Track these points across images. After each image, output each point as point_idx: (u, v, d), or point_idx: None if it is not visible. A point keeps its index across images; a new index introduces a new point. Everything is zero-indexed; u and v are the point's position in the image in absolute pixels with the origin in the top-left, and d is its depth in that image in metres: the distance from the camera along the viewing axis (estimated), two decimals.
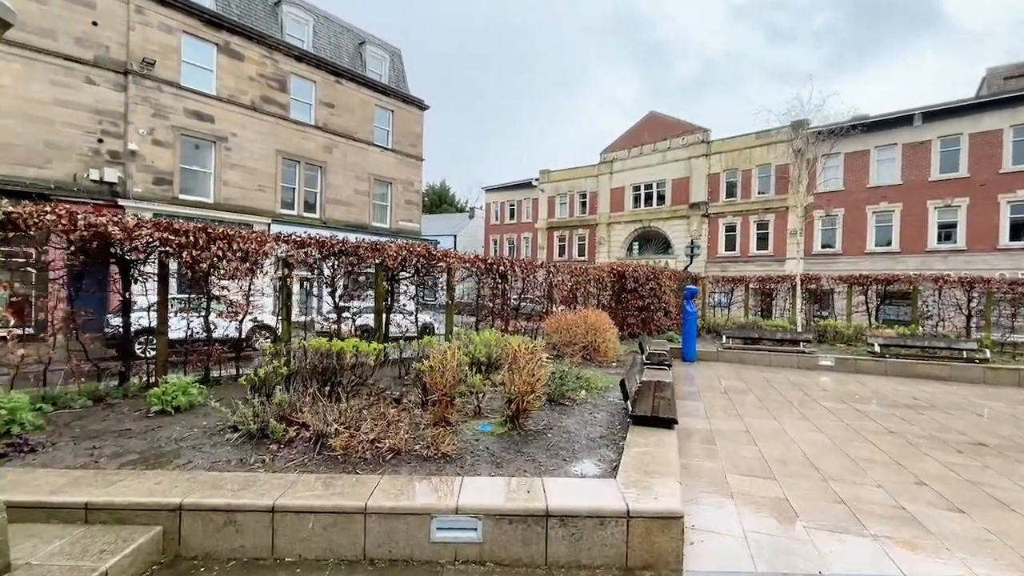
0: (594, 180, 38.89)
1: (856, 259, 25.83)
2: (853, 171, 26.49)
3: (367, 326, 8.99)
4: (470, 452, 4.34)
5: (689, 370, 10.79)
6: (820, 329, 14.13)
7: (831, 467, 5.02)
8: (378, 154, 25.12)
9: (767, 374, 10.65)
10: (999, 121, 22.98)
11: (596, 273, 13.08)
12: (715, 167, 32.24)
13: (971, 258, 23.02)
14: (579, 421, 5.48)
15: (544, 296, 11.66)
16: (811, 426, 6.58)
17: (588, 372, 8.09)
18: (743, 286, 18.01)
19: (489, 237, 47.58)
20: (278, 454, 4.14)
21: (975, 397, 8.96)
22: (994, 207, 23.03)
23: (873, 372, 10.93)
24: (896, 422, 6.93)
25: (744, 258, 30.50)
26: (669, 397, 5.79)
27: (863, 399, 8.45)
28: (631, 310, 14.07)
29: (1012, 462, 5.38)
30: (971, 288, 13.21)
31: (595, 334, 9.76)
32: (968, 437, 6.29)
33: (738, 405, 7.65)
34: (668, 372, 8.31)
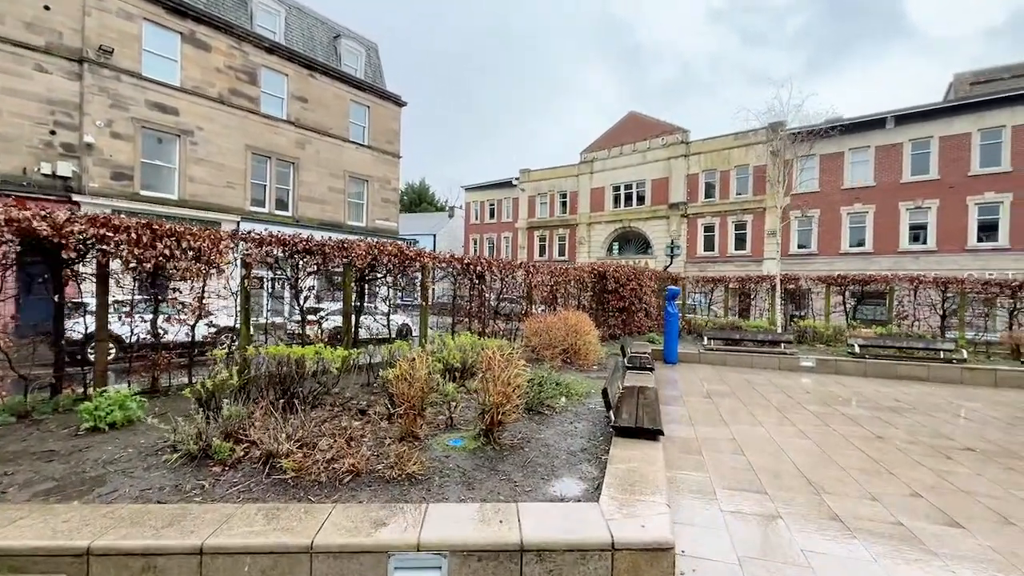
0: (574, 180, 38.75)
1: (831, 259, 26.18)
2: (828, 172, 26.86)
3: (339, 329, 8.50)
4: (439, 471, 3.93)
5: (671, 373, 10.56)
6: (799, 330, 14.10)
7: (822, 478, 4.77)
8: (353, 151, 24.43)
9: (749, 376, 10.49)
10: (967, 125, 23.53)
11: (577, 273, 12.79)
12: (694, 167, 32.39)
13: (941, 258, 23.51)
14: (558, 432, 5.12)
15: (523, 297, 11.31)
16: (798, 432, 6.36)
17: (568, 377, 7.76)
18: (723, 286, 17.97)
19: (469, 237, 47.06)
20: (221, 478, 3.67)
21: (955, 398, 8.92)
22: (963, 209, 23.57)
23: (853, 373, 10.87)
24: (882, 426, 6.77)
25: (723, 258, 30.69)
26: (653, 405, 5.48)
27: (846, 402, 8.31)
28: (612, 311, 13.82)
29: (1003, 469, 5.22)
30: (945, 288, 13.33)
31: (575, 336, 9.44)
32: (955, 442, 6.15)
33: (723, 410, 7.41)
34: (651, 376, 8.03)
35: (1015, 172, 22.30)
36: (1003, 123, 22.72)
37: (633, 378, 7.47)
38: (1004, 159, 22.65)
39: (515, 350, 5.47)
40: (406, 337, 11.52)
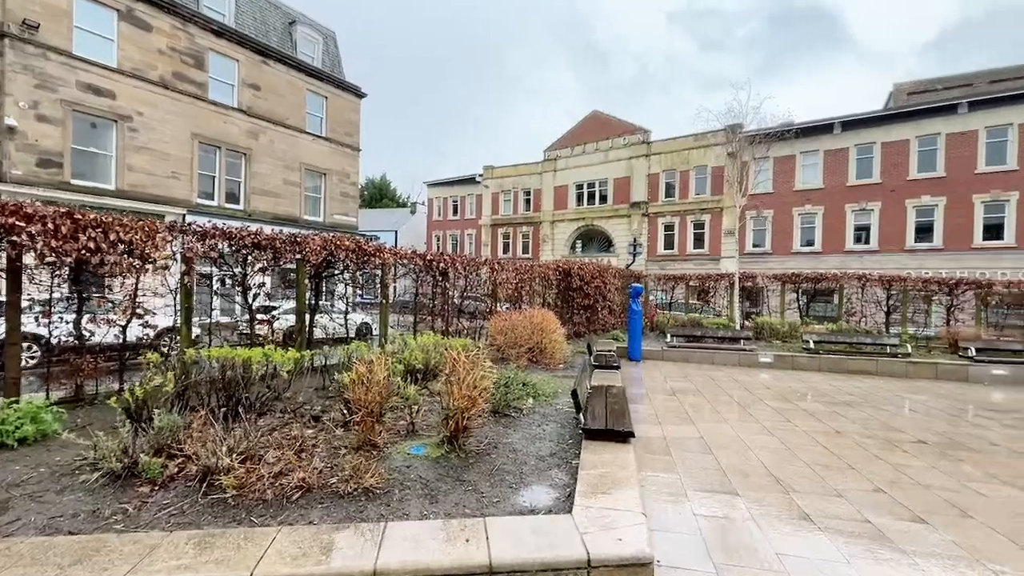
0: (538, 177, 38.74)
1: (784, 258, 27.19)
2: (781, 174, 27.88)
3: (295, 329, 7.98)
4: (399, 483, 3.64)
5: (636, 370, 10.57)
6: (757, 326, 14.48)
7: (789, 475, 4.76)
8: (310, 142, 23.46)
9: (712, 372, 10.63)
10: (906, 132, 24.93)
11: (542, 271, 12.64)
12: (655, 167, 32.97)
13: (882, 258, 24.83)
14: (527, 436, 4.91)
15: (488, 295, 11.05)
16: (762, 428, 6.40)
17: (535, 376, 7.57)
18: (683, 284, 18.31)
19: (432, 233, 46.33)
20: (149, 501, 3.25)
21: (902, 391, 9.31)
22: (902, 211, 24.96)
23: (808, 368, 11.22)
24: (840, 421, 6.92)
25: (682, 257, 31.39)
26: (622, 405, 5.35)
27: (804, 397, 8.51)
28: (577, 309, 13.77)
29: (953, 461, 5.39)
30: (890, 286, 13.99)
31: (541, 335, 9.27)
32: (908, 435, 6.34)
33: (688, 408, 7.41)
34: (617, 374, 7.95)
35: (949, 177, 23.78)
36: (938, 131, 24.18)
37: (600, 377, 7.36)
38: (939, 165, 24.11)
39: (480, 350, 5.22)
40: (366, 336, 11.06)
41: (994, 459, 5.49)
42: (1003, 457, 5.58)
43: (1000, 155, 22.97)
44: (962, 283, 13.46)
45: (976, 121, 23.43)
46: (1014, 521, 3.94)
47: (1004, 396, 9.26)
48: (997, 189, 22.94)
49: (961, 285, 13.44)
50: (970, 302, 13.55)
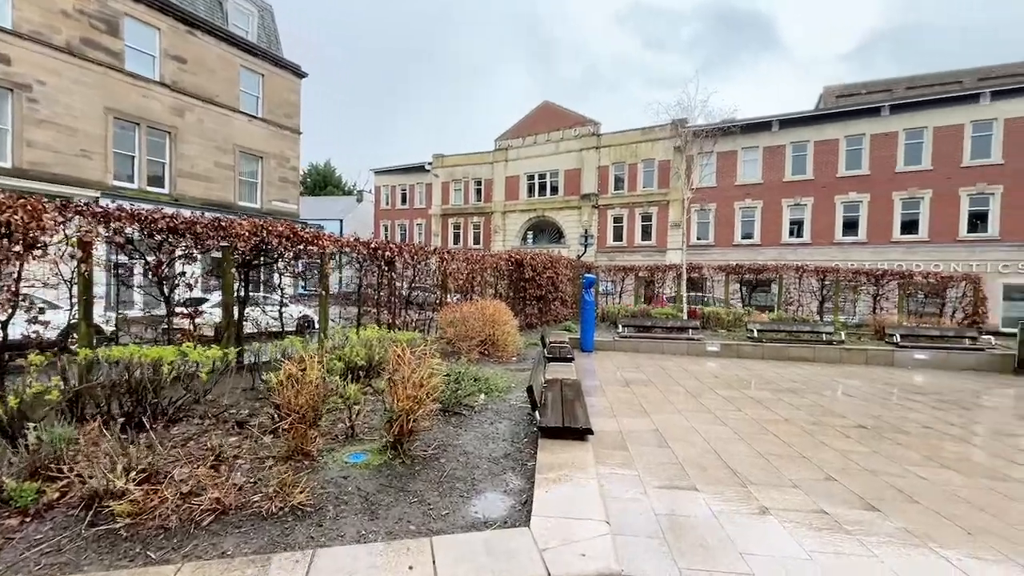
0: (489, 167, 38.25)
1: (726, 250, 28.28)
2: (724, 169, 28.88)
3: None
4: (335, 498, 3.21)
5: (589, 361, 10.48)
6: (703, 316, 14.85)
7: (745, 467, 4.70)
8: (245, 123, 21.86)
9: (662, 362, 10.72)
10: (836, 131, 26.43)
11: (493, 261, 12.30)
12: (604, 160, 33.31)
13: (814, 251, 26.29)
14: (479, 436, 4.58)
15: (438, 286, 10.58)
16: (714, 418, 6.40)
17: (487, 370, 7.25)
18: (633, 275, 18.55)
19: (379, 223, 44.84)
20: (16, 535, 2.66)
21: (839, 377, 9.74)
22: (831, 207, 26.52)
23: (753, 356, 11.57)
24: (786, 408, 7.06)
25: (630, 248, 31.98)
26: (579, 400, 5.13)
27: (751, 385, 8.69)
28: (530, 300, 13.55)
29: (892, 444, 5.57)
30: (824, 277, 14.71)
31: (493, 327, 8.95)
32: (849, 420, 6.53)
33: (642, 399, 7.33)
34: (571, 367, 7.77)
35: (873, 176, 25.44)
36: (863, 131, 25.79)
37: (554, 370, 7.14)
38: (864, 163, 25.75)
39: (429, 343, 4.83)
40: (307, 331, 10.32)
41: (928, 441, 5.72)
42: (935, 439, 5.83)
43: (917, 156, 24.80)
44: (887, 274, 14.38)
45: (897, 123, 25.16)
46: (955, 505, 4.04)
47: (925, 379, 9.89)
48: (914, 187, 24.78)
49: (886, 276, 14.34)
50: (894, 291, 14.48)
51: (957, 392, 8.71)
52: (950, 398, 8.22)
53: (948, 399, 8.12)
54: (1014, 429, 6.48)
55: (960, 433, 6.15)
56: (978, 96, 23.64)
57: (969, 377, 10.32)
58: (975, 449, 5.52)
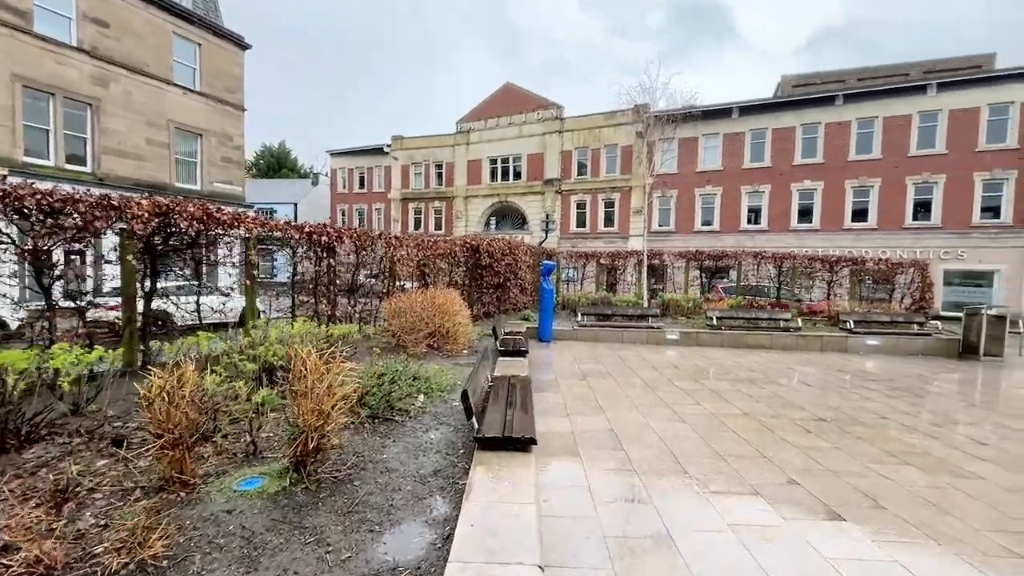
0: (450, 150, 37.14)
1: (687, 237, 28.45)
2: (685, 155, 28.93)
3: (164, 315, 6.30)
4: (208, 543, 2.57)
5: (546, 352, 10.03)
6: (663, 303, 14.67)
7: (706, 472, 4.31)
8: (180, 97, 20.12)
9: (621, 352, 10.39)
10: (793, 120, 26.81)
11: (448, 247, 11.62)
12: (567, 144, 32.83)
13: (771, 238, 26.76)
14: (408, 447, 4.00)
15: (385, 273, 9.84)
16: (672, 415, 6.04)
17: (433, 366, 6.65)
18: (594, 261, 18.23)
19: (336, 207, 43.05)
20: None
21: (796, 364, 9.66)
22: (788, 193, 27.00)
23: (712, 344, 11.42)
24: (745, 400, 6.80)
25: (593, 235, 31.80)
26: (526, 403, 4.61)
27: (711, 375, 8.44)
28: (487, 288, 12.97)
29: (852, 439, 5.33)
30: (781, 263, 14.75)
31: (443, 317, 8.34)
32: (808, 412, 6.31)
33: (598, 394, 6.92)
34: (524, 361, 7.27)
35: (827, 164, 25.99)
36: (819, 120, 26.25)
37: (505, 365, 6.62)
38: (819, 152, 26.26)
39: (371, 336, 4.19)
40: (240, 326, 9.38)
41: (886, 434, 5.53)
42: (894, 431, 5.65)
43: (868, 145, 25.46)
44: (841, 260, 14.55)
45: (850, 113, 25.71)
46: (921, 509, 3.76)
47: (877, 365, 9.95)
48: (864, 176, 25.47)
49: (840, 262, 14.52)
50: (847, 278, 14.70)
51: (907, 378, 8.74)
52: (902, 385, 8.21)
53: (900, 386, 8.10)
54: (964, 417, 6.42)
55: (915, 423, 6.01)
56: (925, 88, 24.38)
57: (917, 362, 10.48)
58: (932, 442, 5.35)
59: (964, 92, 23.63)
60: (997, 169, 23.12)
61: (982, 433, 5.71)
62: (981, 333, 10.75)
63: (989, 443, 5.37)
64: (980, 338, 10.76)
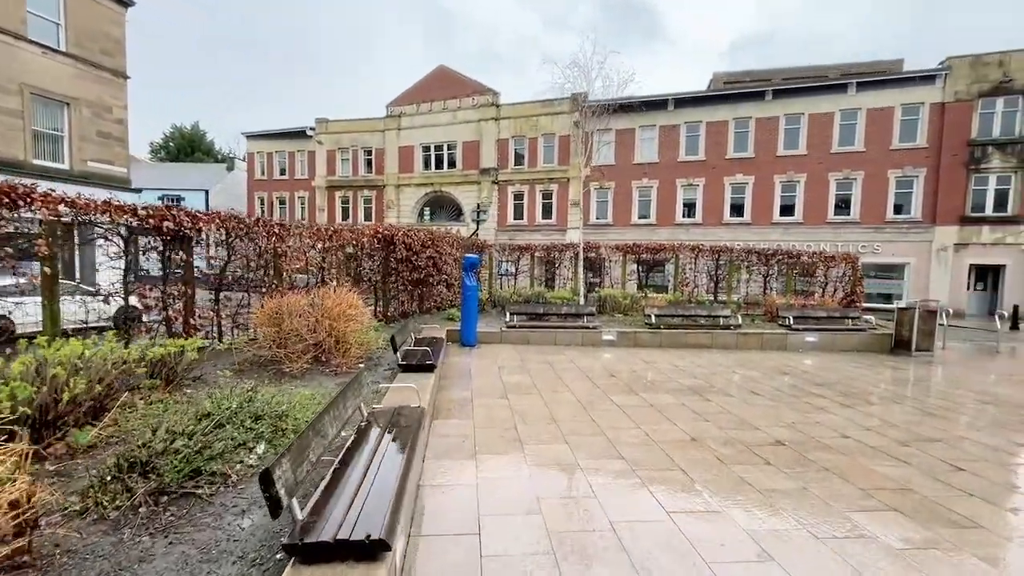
0: (380, 135, 34.71)
1: (624, 230, 28.03)
2: (622, 147, 28.43)
3: None
4: None
5: (467, 360, 8.64)
6: (600, 299, 13.70)
7: (653, 551, 3.10)
8: (39, 57, 16.75)
9: (552, 357, 9.20)
10: (726, 113, 26.94)
11: (354, 237, 9.89)
12: (504, 132, 31.49)
13: (706, 231, 26.86)
14: (188, 558, 2.46)
15: (267, 269, 8.00)
16: (608, 445, 4.84)
17: (304, 391, 5.07)
18: (529, 255, 17.04)
19: (254, 195, 39.30)
20: None
21: (740, 367, 8.88)
22: (721, 187, 27.18)
23: (650, 345, 10.52)
24: (692, 420, 5.75)
25: (531, 227, 30.75)
26: (405, 460, 3.17)
27: (651, 385, 7.40)
28: (404, 284, 11.36)
29: (819, 471, 4.37)
30: (719, 257, 14.22)
31: (334, 323, 6.71)
32: (763, 433, 5.34)
33: (520, 417, 5.62)
34: (430, 378, 5.83)
35: (758, 158, 26.34)
36: (750, 114, 26.53)
37: (398, 391, 5.14)
38: (750, 146, 26.57)
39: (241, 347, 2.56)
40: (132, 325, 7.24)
41: (856, 462, 4.62)
42: (862, 457, 4.75)
43: (795, 141, 26.02)
44: (777, 254, 14.23)
45: (778, 108, 26.16)
46: None
47: (820, 364, 9.41)
48: (792, 171, 26.05)
49: (776, 256, 14.19)
50: (781, 272, 14.41)
51: (853, 381, 8.17)
52: (850, 389, 7.57)
53: (848, 390, 7.46)
54: (927, 430, 5.71)
55: (880, 442, 5.19)
56: (846, 87, 25.17)
57: (856, 360, 10.09)
58: (907, 470, 4.49)
59: (880, 92, 24.60)
60: (908, 167, 24.28)
61: (953, 454, 4.95)
62: (913, 328, 10.54)
63: (965, 468, 4.59)
64: (912, 333, 10.56)
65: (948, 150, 23.50)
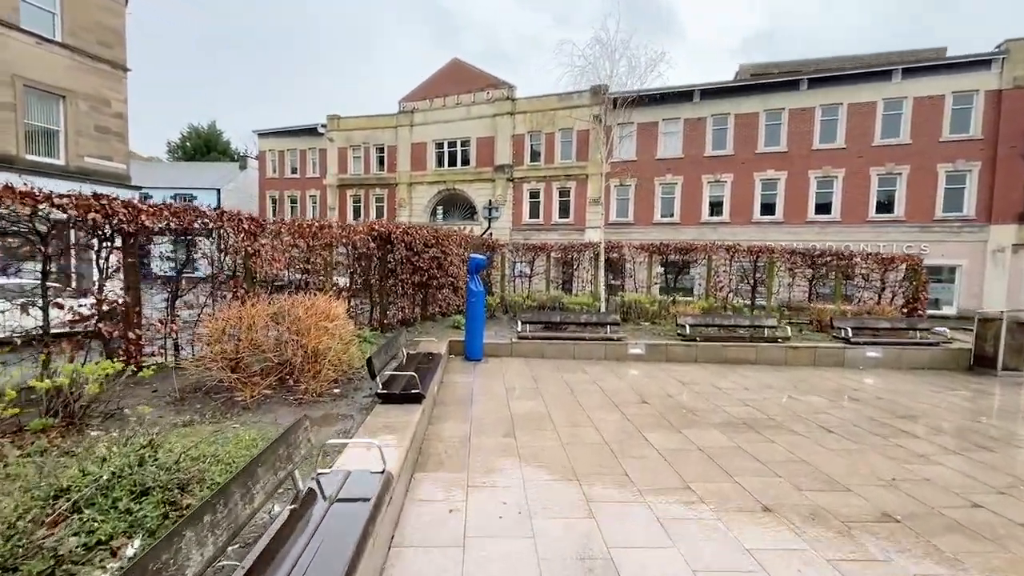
0: (393, 132, 33.71)
1: (646, 229, 26.47)
2: (644, 142, 26.88)
3: None
4: None
5: (470, 381, 7.34)
6: (623, 305, 12.27)
7: None
8: (32, 47, 16.01)
9: (571, 375, 7.84)
10: (756, 105, 25.20)
11: (344, 235, 8.68)
12: (520, 128, 30.17)
13: (734, 230, 25.15)
14: None
15: (234, 272, 6.81)
16: (649, 520, 3.48)
17: (248, 432, 3.83)
18: (545, 255, 15.69)
19: (266, 193, 38.74)
20: None
21: (797, 391, 7.40)
22: (751, 183, 25.43)
23: (684, 360, 9.08)
24: (754, 474, 4.35)
25: (547, 226, 29.37)
26: None
27: (693, 416, 5.99)
28: (404, 288, 10.12)
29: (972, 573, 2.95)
30: (757, 257, 12.68)
31: (304, 338, 5.47)
32: (860, 499, 3.91)
33: (528, 468, 4.30)
34: (415, 413, 4.54)
35: (791, 153, 24.55)
36: (783, 106, 24.74)
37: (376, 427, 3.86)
38: (782, 140, 24.78)
39: None
40: None
41: (1017, 558, 3.18)
42: (1014, 544, 3.32)
43: (832, 133, 24.15)
44: (825, 254, 12.62)
45: (814, 99, 24.34)
46: None
47: (892, 387, 7.87)
48: (828, 166, 24.18)
49: (824, 256, 12.59)
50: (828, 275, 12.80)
51: (944, 411, 6.64)
52: (947, 425, 6.07)
53: (947, 427, 5.95)
54: None
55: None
56: (890, 73, 23.23)
57: (932, 380, 8.51)
58: None
59: (928, 79, 22.62)
60: (960, 160, 22.25)
61: None
62: (999, 343, 8.91)
63: None
64: (997, 349, 8.93)
65: (1006, 141, 21.41)
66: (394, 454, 3.49)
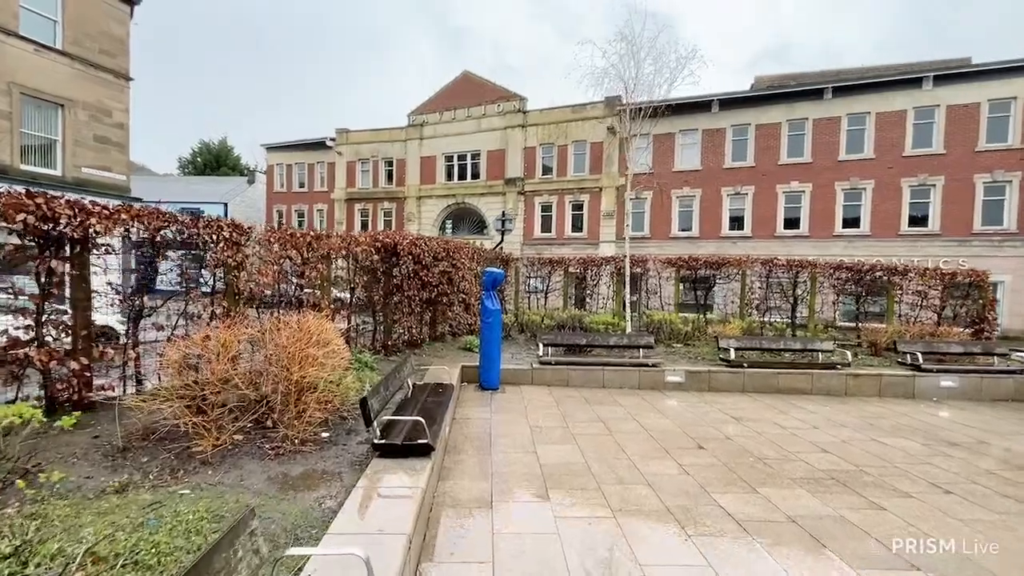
0: (402, 145, 33.12)
1: (663, 243, 25.37)
2: (660, 153, 25.91)
3: None
4: None
5: (486, 416, 6.24)
6: (652, 324, 11.14)
7: None
8: (31, 54, 15.47)
9: (604, 409, 6.72)
10: (779, 114, 24.20)
11: (344, 245, 7.70)
12: (531, 140, 29.40)
13: (756, 244, 23.95)
14: None
15: (214, 288, 5.84)
16: None
17: (201, 500, 2.76)
18: (561, 270, 14.65)
19: (272, 207, 38.20)
20: None
21: (874, 430, 6.20)
22: (773, 196, 24.32)
23: (730, 389, 7.92)
24: (866, 555, 3.20)
25: (560, 241, 28.38)
26: None
27: (766, 468, 4.84)
28: (413, 305, 9.09)
29: None
30: (797, 272, 11.53)
31: (288, 369, 4.43)
32: None
33: (571, 552, 3.18)
34: (424, 470, 3.48)
35: (815, 163, 23.46)
36: (806, 115, 23.74)
37: (358, 516, 2.80)
38: (807, 150, 23.72)
39: None
40: None
41: None
42: None
43: (859, 143, 23.06)
44: (876, 269, 11.44)
45: (840, 108, 23.31)
46: None
47: (988, 425, 6.64)
48: (856, 177, 23.05)
49: (873, 271, 11.41)
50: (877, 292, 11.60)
51: None
52: None
53: None
54: None
55: None
56: (920, 81, 22.19)
57: (1021, 415, 7.28)
58: None
59: (962, 86, 21.52)
60: (999, 171, 21.03)
61: None
62: None
63: None
64: None
65: None
66: (391, 549, 2.41)
